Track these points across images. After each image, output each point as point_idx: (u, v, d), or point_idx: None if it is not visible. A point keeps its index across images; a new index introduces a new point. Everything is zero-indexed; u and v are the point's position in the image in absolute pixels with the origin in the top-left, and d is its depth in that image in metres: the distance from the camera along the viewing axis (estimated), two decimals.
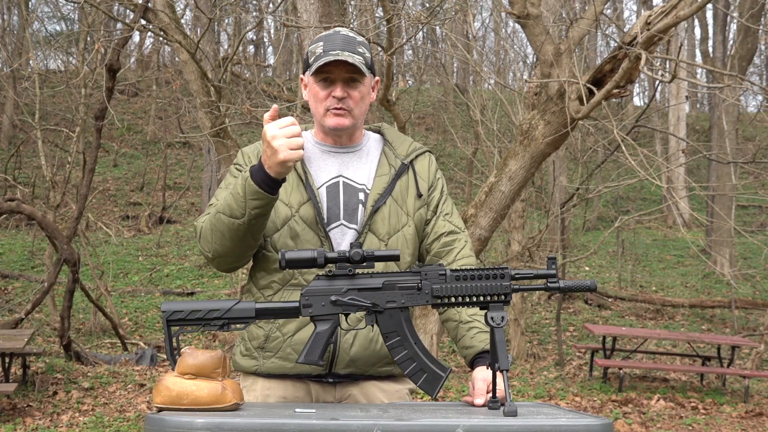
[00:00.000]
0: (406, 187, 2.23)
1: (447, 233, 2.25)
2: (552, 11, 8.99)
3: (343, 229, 2.16)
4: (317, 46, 2.15)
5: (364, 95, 2.18)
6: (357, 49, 2.14)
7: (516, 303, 9.38)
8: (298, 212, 2.15)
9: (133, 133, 20.26)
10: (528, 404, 2.02)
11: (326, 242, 2.13)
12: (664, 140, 18.65)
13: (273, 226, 2.14)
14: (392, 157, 2.24)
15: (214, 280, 12.39)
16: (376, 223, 2.16)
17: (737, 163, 12.10)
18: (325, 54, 2.11)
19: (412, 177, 2.24)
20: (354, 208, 2.17)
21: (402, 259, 2.19)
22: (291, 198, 2.16)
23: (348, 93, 2.15)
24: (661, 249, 16.33)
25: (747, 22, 11.31)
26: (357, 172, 2.22)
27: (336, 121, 2.16)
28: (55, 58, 17.80)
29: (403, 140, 2.30)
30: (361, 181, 2.21)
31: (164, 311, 1.90)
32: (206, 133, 7.71)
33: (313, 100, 2.19)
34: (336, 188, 2.19)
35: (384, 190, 2.19)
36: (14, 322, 8.48)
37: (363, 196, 2.19)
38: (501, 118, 11.28)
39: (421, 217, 2.24)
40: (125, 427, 6.45)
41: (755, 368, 9.23)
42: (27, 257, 12.95)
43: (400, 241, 2.19)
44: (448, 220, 2.27)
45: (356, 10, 7.74)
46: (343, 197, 2.18)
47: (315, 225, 2.14)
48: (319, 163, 2.22)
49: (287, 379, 2.17)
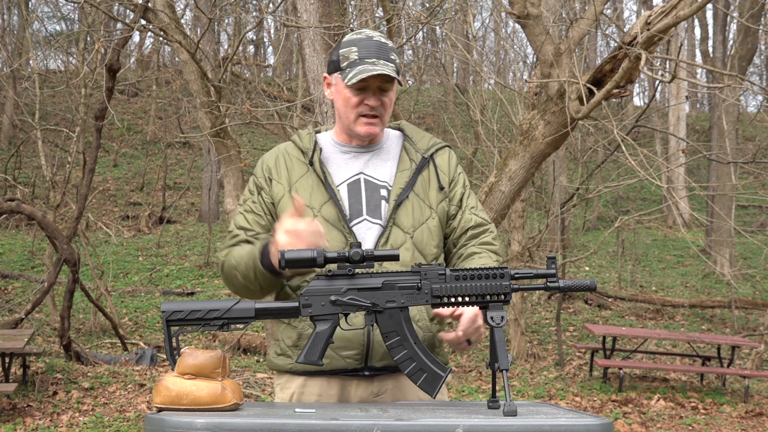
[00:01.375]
0: (428, 181, 2.24)
1: (474, 226, 2.25)
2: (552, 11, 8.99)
3: (367, 224, 2.17)
4: (350, 51, 2.15)
5: (392, 100, 2.22)
6: (390, 56, 2.15)
7: (516, 303, 9.38)
8: (320, 212, 2.16)
9: (133, 133, 20.26)
10: (528, 404, 2.02)
11: (351, 237, 2.14)
12: (664, 140, 18.65)
13: None
14: (413, 152, 2.26)
15: (214, 280, 12.39)
16: (400, 216, 2.17)
17: (737, 163, 12.11)
18: (361, 62, 2.12)
19: (433, 171, 2.25)
20: (377, 204, 2.18)
21: (428, 251, 2.20)
22: (312, 200, 2.17)
23: (381, 101, 2.17)
24: (661, 249, 16.33)
25: (747, 22, 11.31)
26: (378, 170, 2.23)
27: (367, 129, 2.19)
28: (55, 58, 17.81)
29: (423, 135, 2.32)
30: (383, 178, 2.22)
31: (164, 311, 1.90)
32: (206, 133, 7.71)
33: (344, 104, 2.19)
34: (357, 185, 2.21)
35: (406, 185, 2.20)
36: (14, 322, 8.48)
37: (385, 193, 2.20)
38: (501, 118, 11.28)
39: (443, 210, 2.24)
40: (125, 427, 6.45)
41: (755, 368, 9.23)
42: (27, 257, 12.95)
43: (425, 233, 2.19)
44: (474, 213, 2.27)
45: (356, 10, 7.74)
46: (365, 193, 2.19)
47: (338, 222, 2.15)
48: (339, 162, 2.24)
49: (322, 376, 2.16)
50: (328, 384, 2.17)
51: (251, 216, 2.23)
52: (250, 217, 2.23)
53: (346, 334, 2.08)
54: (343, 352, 2.12)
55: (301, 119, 10.15)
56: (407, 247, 2.16)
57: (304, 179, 2.21)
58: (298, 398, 2.19)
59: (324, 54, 6.13)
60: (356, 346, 2.12)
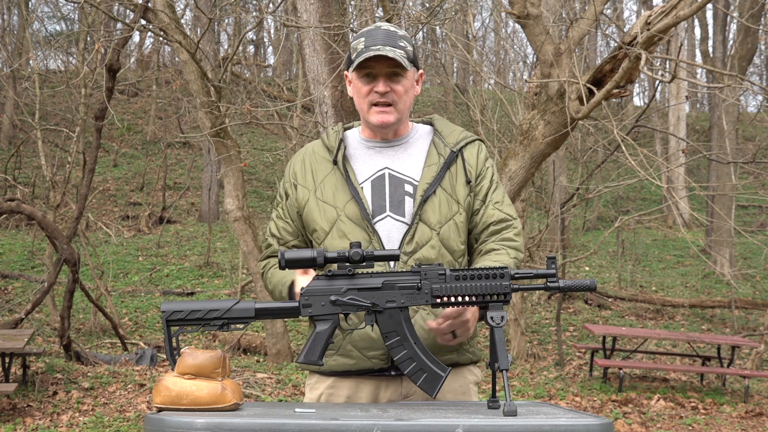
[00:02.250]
0: (455, 175, 2.21)
1: (497, 222, 2.21)
2: (552, 11, 8.99)
3: (391, 220, 2.15)
4: (359, 42, 2.16)
5: (407, 89, 2.18)
6: (398, 43, 2.14)
7: (516, 303, 9.38)
8: (343, 211, 2.16)
9: (133, 133, 20.26)
10: (527, 404, 2.02)
11: (374, 236, 2.12)
12: (664, 140, 18.65)
13: (323, 230, 2.16)
14: (441, 146, 2.23)
15: (214, 280, 12.39)
16: (426, 212, 2.15)
17: (737, 163, 12.11)
18: (366, 50, 2.12)
19: (461, 164, 2.22)
20: (400, 200, 2.16)
21: (455, 247, 2.18)
22: (336, 199, 2.17)
23: (391, 87, 2.15)
24: (661, 249, 16.33)
25: (747, 22, 11.31)
26: (404, 164, 2.21)
27: (380, 118, 2.17)
28: (55, 58, 17.81)
29: (453, 129, 2.29)
30: (408, 173, 2.20)
31: (164, 311, 1.90)
32: (206, 133, 7.71)
33: (357, 95, 2.20)
34: (381, 181, 2.19)
35: (433, 180, 2.17)
36: (14, 322, 8.48)
37: (410, 188, 2.18)
38: (501, 118, 11.29)
39: (469, 204, 2.21)
40: (125, 427, 6.44)
41: (755, 368, 9.22)
42: (27, 257, 12.95)
43: (452, 229, 2.17)
44: (498, 208, 2.22)
45: (356, 10, 7.74)
46: (389, 189, 2.18)
47: (361, 221, 2.14)
48: (364, 158, 2.23)
49: (351, 376, 2.16)
50: (356, 386, 2.16)
51: (281, 223, 2.28)
52: (279, 224, 2.28)
53: (372, 335, 2.07)
54: (369, 353, 2.12)
55: (301, 119, 10.16)
56: (433, 244, 2.14)
57: (329, 178, 2.21)
58: (327, 399, 2.19)
59: (324, 54, 6.14)
60: (381, 346, 2.09)
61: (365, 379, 2.16)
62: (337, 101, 6.05)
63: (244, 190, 8.17)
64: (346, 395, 2.17)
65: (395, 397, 2.16)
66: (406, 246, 2.13)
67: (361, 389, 2.17)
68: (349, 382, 2.17)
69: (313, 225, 2.19)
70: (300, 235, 2.26)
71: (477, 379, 2.27)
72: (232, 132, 8.09)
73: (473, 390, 2.25)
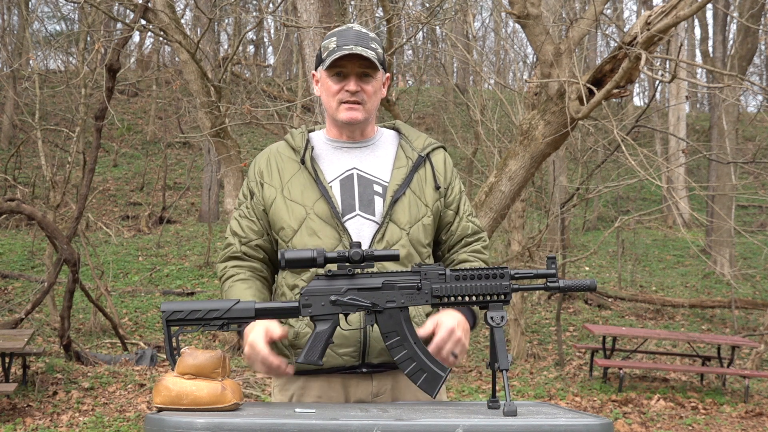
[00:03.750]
0: (424, 179, 2.25)
1: (471, 234, 2.29)
2: (552, 11, 8.99)
3: (360, 219, 2.17)
4: (330, 42, 2.18)
5: (376, 90, 2.23)
6: (370, 44, 2.17)
7: (516, 303, 9.38)
8: (312, 209, 2.16)
9: (133, 133, 20.27)
10: (527, 404, 2.02)
11: (344, 234, 2.14)
12: (664, 140, 18.65)
13: (291, 228, 2.17)
14: (409, 150, 2.27)
15: (214, 280, 12.39)
16: (396, 213, 2.18)
17: (737, 163, 12.11)
18: (338, 49, 2.14)
19: (429, 169, 2.26)
20: (370, 199, 2.19)
21: (422, 249, 2.20)
22: (304, 198, 2.18)
23: (361, 87, 2.18)
24: (661, 249, 16.33)
25: (747, 22, 11.31)
26: (372, 165, 2.24)
27: (349, 115, 2.19)
28: (55, 58, 17.82)
29: (418, 135, 2.34)
30: (377, 174, 2.23)
31: (164, 311, 1.90)
32: (206, 133, 7.71)
33: (326, 94, 2.22)
34: (350, 180, 2.21)
35: (403, 181, 2.21)
36: (14, 322, 8.48)
37: (380, 188, 2.20)
38: (501, 118, 11.29)
39: (438, 209, 2.25)
40: (125, 427, 6.44)
41: (755, 368, 9.23)
42: (27, 257, 12.95)
43: (420, 230, 2.20)
44: (471, 221, 2.30)
45: (356, 10, 7.74)
46: (358, 189, 2.20)
47: (331, 219, 2.15)
48: (331, 158, 2.25)
49: (322, 375, 2.16)
50: (328, 385, 2.17)
51: (245, 222, 2.26)
52: (243, 223, 2.26)
53: (343, 332, 2.08)
54: (340, 350, 2.12)
55: (301, 119, 10.15)
56: (403, 243, 2.16)
57: (296, 178, 2.21)
58: (298, 400, 2.19)
59: None
60: (353, 343, 2.11)
61: (335, 377, 2.16)
62: None
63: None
64: (317, 395, 2.17)
65: (365, 396, 2.17)
66: (377, 244, 2.14)
67: (331, 388, 2.17)
68: (319, 381, 2.17)
69: (281, 223, 2.19)
70: (265, 234, 2.24)
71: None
72: (232, 132, 8.09)
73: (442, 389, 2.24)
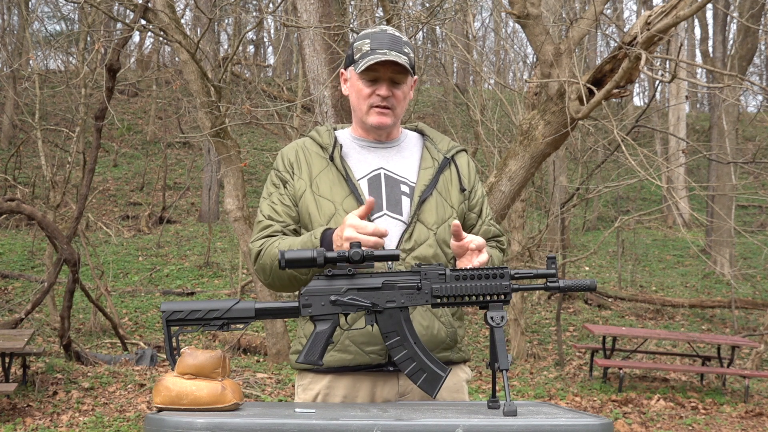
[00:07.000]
0: (449, 181, 2.27)
1: (492, 238, 2.33)
2: (552, 11, 8.99)
3: (388, 218, 2.17)
4: (363, 43, 2.18)
5: (405, 95, 2.24)
6: (403, 48, 2.18)
7: (516, 303, 9.38)
8: (342, 206, 2.17)
9: (133, 133, 20.27)
10: (527, 404, 2.02)
11: None
12: (664, 140, 18.66)
13: (318, 224, 2.17)
14: (434, 152, 2.29)
15: (214, 280, 12.39)
16: (424, 213, 2.19)
17: (737, 163, 12.11)
18: (372, 52, 2.14)
19: (455, 172, 2.29)
20: (397, 200, 2.20)
21: (448, 248, 2.21)
22: (333, 194, 2.18)
23: (392, 92, 2.19)
24: (661, 249, 16.33)
25: (747, 22, 11.31)
26: (398, 166, 2.26)
27: (379, 120, 2.21)
28: (55, 58, 17.81)
29: (442, 137, 2.37)
30: (403, 174, 2.24)
31: (164, 311, 1.90)
32: (206, 133, 7.71)
33: (356, 96, 2.23)
34: (378, 180, 2.22)
35: (429, 182, 2.23)
36: (14, 322, 8.48)
37: (407, 189, 2.22)
38: (501, 118, 11.29)
39: (462, 211, 2.28)
40: (125, 427, 6.44)
41: (755, 368, 9.23)
42: (27, 257, 12.95)
43: (446, 230, 2.21)
44: (492, 224, 2.34)
45: (356, 10, 7.74)
46: (386, 188, 2.21)
47: None
48: (359, 157, 2.26)
49: (349, 373, 2.16)
50: (353, 384, 2.16)
51: (280, 207, 2.22)
52: (279, 209, 2.22)
53: (371, 330, 2.07)
54: (367, 348, 2.13)
55: (301, 119, 10.15)
56: (431, 243, 2.17)
57: (325, 174, 2.22)
58: (323, 399, 2.18)
59: (324, 54, 6.14)
60: (379, 341, 2.10)
61: (362, 376, 2.16)
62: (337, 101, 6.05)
63: (244, 190, 8.18)
64: (343, 394, 2.16)
65: (392, 395, 2.17)
66: (405, 243, 2.15)
67: (358, 387, 2.16)
68: (345, 380, 2.16)
69: (309, 218, 2.19)
70: (298, 222, 2.23)
71: (468, 377, 2.31)
72: (232, 132, 8.09)
73: (465, 388, 2.28)
